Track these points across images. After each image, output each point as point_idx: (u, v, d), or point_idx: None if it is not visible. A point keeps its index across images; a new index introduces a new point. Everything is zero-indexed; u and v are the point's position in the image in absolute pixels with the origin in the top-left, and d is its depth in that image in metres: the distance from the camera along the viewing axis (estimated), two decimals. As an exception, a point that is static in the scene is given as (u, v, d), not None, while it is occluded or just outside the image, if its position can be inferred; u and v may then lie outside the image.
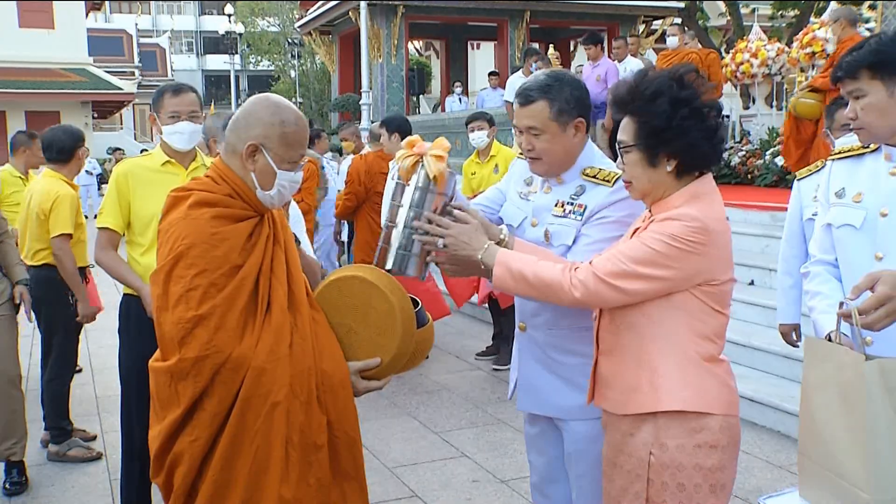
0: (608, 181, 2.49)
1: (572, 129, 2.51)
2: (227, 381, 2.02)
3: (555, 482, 2.75)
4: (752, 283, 6.74)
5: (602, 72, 9.91)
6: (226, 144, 2.23)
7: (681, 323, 2.17)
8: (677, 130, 2.13)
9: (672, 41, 10.14)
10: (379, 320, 2.23)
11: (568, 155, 2.54)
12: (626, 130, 2.21)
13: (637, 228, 2.27)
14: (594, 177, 2.52)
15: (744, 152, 10.65)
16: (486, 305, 7.07)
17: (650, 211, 2.25)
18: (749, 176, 10.27)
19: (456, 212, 2.37)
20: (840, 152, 2.58)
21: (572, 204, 2.52)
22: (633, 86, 2.21)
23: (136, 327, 3.59)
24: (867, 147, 2.48)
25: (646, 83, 2.19)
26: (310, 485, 2.09)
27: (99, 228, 3.69)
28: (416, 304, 2.36)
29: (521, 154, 2.73)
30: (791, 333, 3.83)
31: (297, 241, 2.50)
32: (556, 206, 2.56)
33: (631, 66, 10.51)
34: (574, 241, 2.49)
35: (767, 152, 10.19)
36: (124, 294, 3.72)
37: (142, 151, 22.85)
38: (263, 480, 2.04)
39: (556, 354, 2.60)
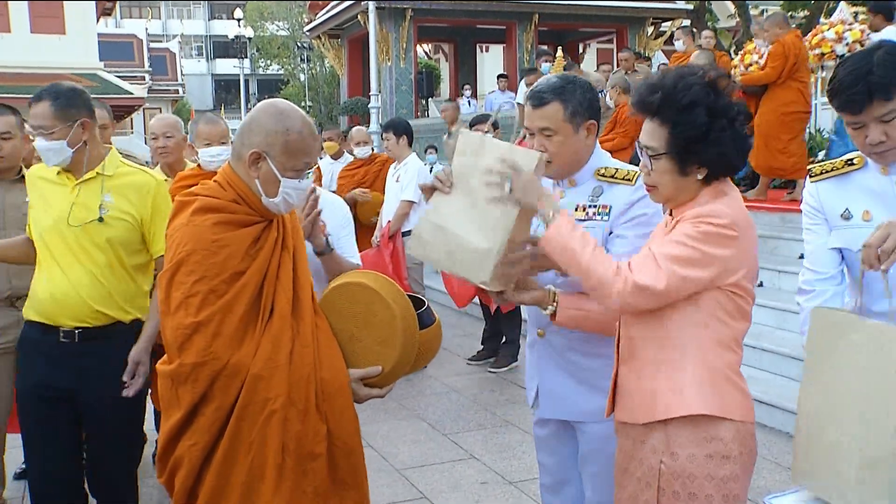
0: (629, 180, 2.48)
1: (584, 131, 2.51)
2: (225, 387, 2.03)
3: (567, 482, 2.74)
4: (760, 284, 6.71)
5: None
6: (232, 150, 2.24)
7: (702, 330, 2.12)
8: (714, 142, 2.06)
9: (680, 44, 10.03)
10: (380, 329, 2.20)
11: (578, 157, 2.54)
12: (655, 136, 2.11)
13: (660, 228, 2.24)
14: (612, 177, 2.52)
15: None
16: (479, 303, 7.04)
17: (671, 213, 2.20)
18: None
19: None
20: (822, 172, 2.48)
21: (595, 206, 2.52)
22: (666, 91, 2.08)
23: None
24: (851, 164, 2.41)
25: (681, 90, 2.07)
26: (306, 493, 2.09)
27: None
28: (421, 304, 2.34)
29: None
30: None
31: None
32: (576, 210, 2.54)
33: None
34: (604, 243, 2.47)
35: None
36: None
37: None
38: (258, 489, 2.05)
39: (577, 358, 2.58)
